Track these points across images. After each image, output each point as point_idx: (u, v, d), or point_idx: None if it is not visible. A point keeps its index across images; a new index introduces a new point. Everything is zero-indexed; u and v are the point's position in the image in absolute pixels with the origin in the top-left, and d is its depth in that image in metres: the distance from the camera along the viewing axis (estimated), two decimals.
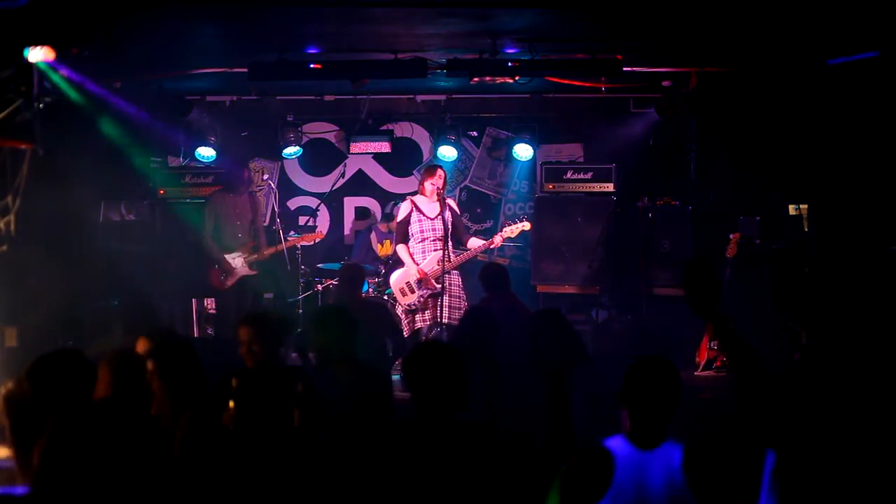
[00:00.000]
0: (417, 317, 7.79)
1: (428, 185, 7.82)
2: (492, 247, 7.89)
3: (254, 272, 8.71)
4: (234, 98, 10.10)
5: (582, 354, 5.00)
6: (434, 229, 7.76)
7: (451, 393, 3.49)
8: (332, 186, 10.18)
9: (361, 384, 4.52)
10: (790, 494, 3.14)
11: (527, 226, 7.98)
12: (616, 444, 3.31)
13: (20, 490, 3.80)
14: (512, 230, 7.88)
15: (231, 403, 4.27)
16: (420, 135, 10.53)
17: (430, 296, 7.72)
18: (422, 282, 7.73)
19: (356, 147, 10.10)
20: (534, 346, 4.88)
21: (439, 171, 7.88)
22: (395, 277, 7.90)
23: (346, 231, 10.62)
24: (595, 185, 9.45)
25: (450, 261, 7.66)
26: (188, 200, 9.56)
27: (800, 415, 3.20)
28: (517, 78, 8.04)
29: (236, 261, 8.63)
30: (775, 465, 3.18)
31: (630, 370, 3.34)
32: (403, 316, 7.83)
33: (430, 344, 3.59)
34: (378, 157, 10.47)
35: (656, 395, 3.30)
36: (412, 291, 7.77)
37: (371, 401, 4.55)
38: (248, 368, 4.54)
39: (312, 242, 9.26)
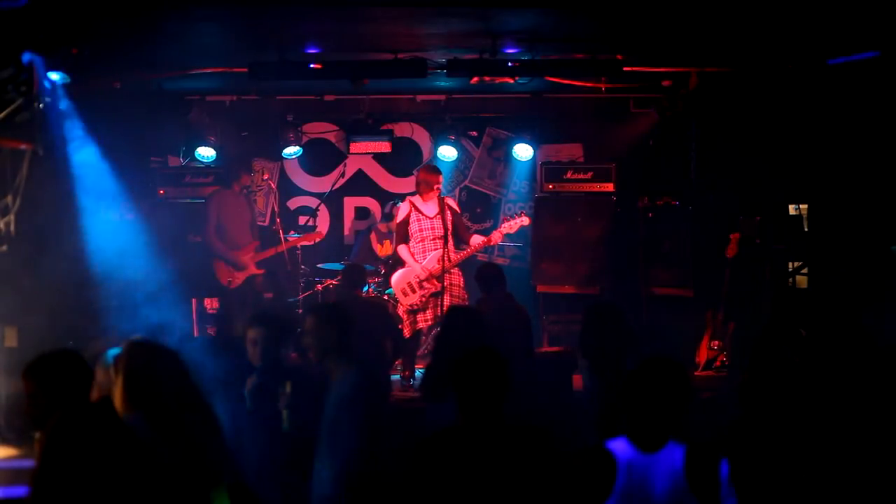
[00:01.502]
0: (419, 316, 7.79)
1: (429, 192, 7.81)
2: (490, 244, 7.88)
3: (260, 271, 8.73)
4: (234, 98, 10.09)
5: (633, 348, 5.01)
6: (433, 228, 7.76)
7: (502, 395, 3.50)
8: (332, 186, 10.17)
9: (358, 382, 4.52)
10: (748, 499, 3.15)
11: (525, 221, 7.97)
12: (619, 446, 3.26)
13: (20, 490, 3.80)
14: (511, 225, 7.88)
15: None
16: (420, 135, 10.53)
17: (431, 295, 7.72)
18: (423, 281, 7.73)
19: (356, 147, 10.09)
20: (588, 338, 4.92)
21: (435, 176, 7.88)
22: (397, 277, 7.90)
23: (346, 231, 10.62)
24: (595, 185, 9.44)
25: (450, 260, 7.66)
26: (188, 200, 9.56)
27: (756, 424, 3.20)
28: (517, 78, 8.04)
29: (247, 258, 8.65)
30: (730, 472, 3.19)
31: (633, 371, 3.31)
32: (405, 316, 7.83)
33: (482, 349, 3.61)
34: (378, 157, 10.46)
35: (658, 398, 3.25)
36: (413, 291, 7.77)
37: (369, 399, 4.54)
38: (255, 367, 4.58)
39: (313, 243, 9.26)
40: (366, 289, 8.44)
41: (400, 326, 7.83)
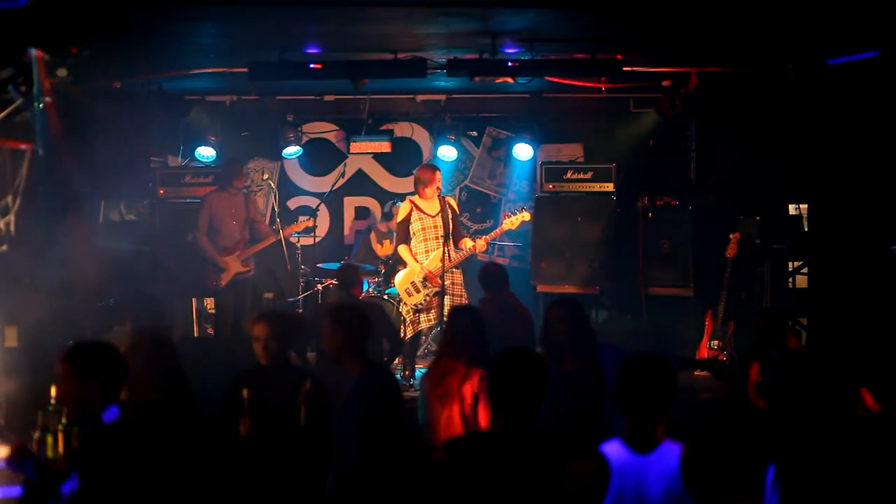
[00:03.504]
0: (422, 316, 7.79)
1: (429, 190, 7.80)
2: (476, 251, 7.84)
3: (247, 268, 8.72)
4: (234, 98, 10.10)
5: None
6: (435, 227, 7.75)
7: (539, 401, 3.46)
8: (333, 186, 10.17)
9: (372, 383, 4.52)
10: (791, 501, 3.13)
11: (527, 216, 7.95)
12: (612, 449, 3.24)
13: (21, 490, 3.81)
14: (512, 221, 7.87)
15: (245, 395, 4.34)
16: (420, 135, 10.53)
17: (434, 294, 7.72)
18: (426, 280, 7.72)
19: (356, 147, 10.10)
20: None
21: (432, 173, 7.87)
22: (400, 278, 7.90)
23: (346, 231, 10.62)
24: (595, 185, 9.43)
25: (450, 259, 7.66)
26: (188, 200, 9.56)
27: (797, 424, 3.18)
28: (517, 78, 8.04)
29: (229, 259, 8.65)
30: (776, 474, 3.17)
31: (621, 370, 3.28)
32: (409, 316, 7.83)
33: (520, 351, 3.57)
34: (378, 156, 10.46)
35: (648, 395, 3.22)
36: (417, 291, 7.77)
37: (383, 399, 4.54)
38: (259, 366, 4.58)
39: (303, 229, 9.22)
40: (366, 289, 8.45)
41: (402, 327, 7.83)
